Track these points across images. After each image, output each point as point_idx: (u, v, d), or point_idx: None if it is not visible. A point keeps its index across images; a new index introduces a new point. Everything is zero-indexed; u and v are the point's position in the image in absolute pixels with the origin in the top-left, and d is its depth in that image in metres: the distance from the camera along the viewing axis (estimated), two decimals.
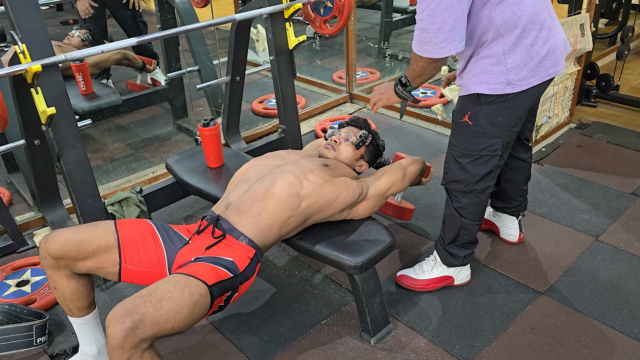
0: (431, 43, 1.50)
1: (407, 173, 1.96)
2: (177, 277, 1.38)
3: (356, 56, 3.70)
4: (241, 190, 1.72)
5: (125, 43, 1.93)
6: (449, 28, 1.46)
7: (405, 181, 1.94)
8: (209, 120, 2.19)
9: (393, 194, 1.93)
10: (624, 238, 2.29)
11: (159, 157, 3.14)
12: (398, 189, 1.93)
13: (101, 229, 1.55)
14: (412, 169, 1.98)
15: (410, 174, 1.97)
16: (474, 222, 1.88)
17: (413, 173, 1.98)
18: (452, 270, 2.02)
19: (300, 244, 1.76)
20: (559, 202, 2.55)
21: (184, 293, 1.33)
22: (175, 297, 1.32)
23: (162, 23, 3.19)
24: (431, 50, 1.52)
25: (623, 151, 2.98)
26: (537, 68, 1.57)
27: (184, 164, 2.30)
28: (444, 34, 1.47)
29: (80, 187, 1.99)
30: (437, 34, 1.47)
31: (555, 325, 1.87)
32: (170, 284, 1.34)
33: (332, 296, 2.05)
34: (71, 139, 1.92)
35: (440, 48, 1.50)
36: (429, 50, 1.53)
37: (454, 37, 1.48)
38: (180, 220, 2.56)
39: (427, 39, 1.50)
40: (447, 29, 1.46)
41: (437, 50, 1.51)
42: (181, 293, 1.33)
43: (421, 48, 1.55)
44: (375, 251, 1.71)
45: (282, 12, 2.42)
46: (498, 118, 1.65)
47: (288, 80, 2.57)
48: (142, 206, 2.16)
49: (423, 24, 1.49)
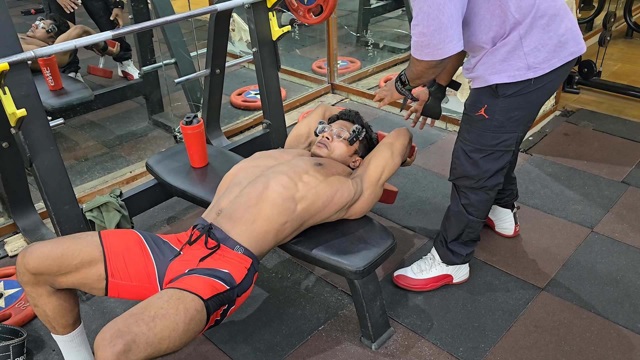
0: (430, 46, 1.45)
1: (395, 150, 1.81)
2: (170, 292, 1.27)
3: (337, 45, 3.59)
4: (232, 195, 1.61)
5: (102, 36, 1.79)
6: (445, 27, 1.41)
7: (396, 158, 1.79)
8: (192, 118, 2.06)
9: (387, 178, 1.79)
10: (618, 228, 2.26)
11: (135, 155, 2.99)
12: (390, 171, 1.78)
13: (84, 241, 1.43)
14: (398, 144, 1.83)
15: (398, 149, 1.82)
16: (480, 219, 1.81)
17: (401, 147, 1.83)
18: (451, 269, 1.96)
19: (297, 248, 1.67)
20: (550, 192, 2.52)
21: (178, 309, 1.23)
22: (170, 314, 1.21)
23: (134, 13, 3.01)
24: (432, 53, 1.47)
25: (610, 138, 2.97)
26: (558, 48, 1.50)
27: (166, 164, 2.17)
28: (441, 34, 1.42)
29: (55, 193, 1.85)
30: (434, 36, 1.43)
31: (559, 322, 1.82)
32: (164, 300, 1.23)
33: (328, 299, 1.97)
34: (44, 142, 1.78)
35: (440, 49, 1.45)
36: (429, 53, 1.47)
37: (452, 36, 1.43)
38: (163, 222, 2.43)
39: (425, 43, 1.46)
40: (443, 29, 1.41)
41: (437, 51, 1.46)
42: (175, 309, 1.22)
43: (422, 52, 1.49)
44: (376, 254, 1.62)
45: (264, 1, 2.29)
46: (515, 112, 1.59)
47: (272, 73, 2.45)
48: (123, 211, 2.02)
49: (420, 29, 1.45)
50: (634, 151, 2.84)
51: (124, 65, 4.10)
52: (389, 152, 1.80)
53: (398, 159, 1.80)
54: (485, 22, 1.50)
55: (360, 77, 3.84)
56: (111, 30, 1.81)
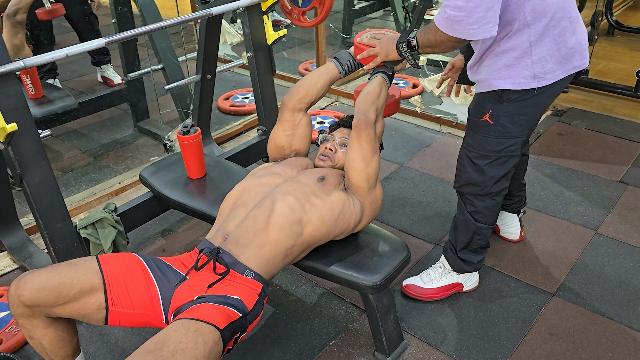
0: (463, 23, 1.33)
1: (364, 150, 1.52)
2: (186, 323, 1.19)
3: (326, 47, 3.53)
4: (238, 218, 1.51)
5: (94, 44, 1.69)
6: (486, 7, 1.30)
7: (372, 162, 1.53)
8: (189, 127, 1.97)
9: (376, 178, 1.57)
10: (622, 229, 2.25)
11: (123, 164, 2.88)
12: (374, 173, 1.54)
13: (83, 268, 1.33)
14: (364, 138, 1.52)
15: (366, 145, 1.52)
16: (489, 225, 1.77)
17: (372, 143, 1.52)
18: (462, 277, 1.92)
19: (309, 264, 1.60)
20: (551, 194, 2.50)
21: (197, 343, 1.15)
22: (189, 348, 1.13)
23: (117, 17, 2.90)
24: (461, 31, 1.34)
25: (603, 138, 2.97)
26: (564, 60, 1.46)
27: (161, 176, 2.07)
28: (479, 14, 1.30)
29: (47, 211, 1.75)
30: (471, 13, 1.30)
31: (573, 328, 1.80)
32: (181, 333, 1.15)
33: (337, 312, 1.90)
34: (35, 157, 1.67)
35: (473, 29, 1.33)
36: (459, 30, 1.35)
37: (490, 17, 1.32)
38: (157, 235, 2.34)
39: (459, 18, 1.32)
40: (483, 8, 1.30)
41: (469, 31, 1.34)
42: (195, 343, 1.14)
43: (449, 27, 1.36)
44: (392, 267, 1.57)
45: (259, 5, 2.21)
46: (520, 117, 1.55)
47: (267, 78, 2.38)
48: (119, 226, 1.92)
49: (456, 2, 1.31)
50: (628, 150, 2.84)
51: (103, 70, 3.96)
52: (362, 163, 1.53)
53: (375, 158, 1.55)
54: None
55: (348, 79, 3.78)
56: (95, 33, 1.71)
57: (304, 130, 1.78)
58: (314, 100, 1.78)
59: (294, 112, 1.76)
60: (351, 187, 1.59)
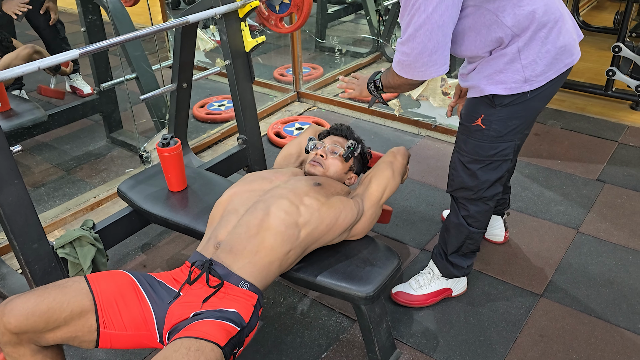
0: (411, 66, 1.44)
1: (396, 168, 1.74)
2: (186, 342, 1.14)
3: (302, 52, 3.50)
4: (230, 225, 1.48)
5: (68, 55, 1.62)
6: (429, 53, 1.39)
7: (396, 177, 1.73)
8: (169, 139, 1.91)
9: (388, 197, 1.73)
10: (602, 227, 2.29)
11: (98, 177, 2.79)
12: (392, 190, 1.72)
13: (72, 289, 1.27)
14: (398, 163, 1.76)
15: (399, 168, 1.75)
16: (481, 230, 1.77)
17: (401, 166, 1.77)
18: (451, 282, 1.91)
19: (299, 276, 1.56)
20: (531, 194, 2.52)
21: None
22: None
23: (87, 25, 2.81)
24: (412, 73, 1.46)
25: (578, 137, 3.02)
26: (554, 60, 1.47)
27: (141, 189, 2.01)
28: (424, 59, 1.40)
29: (22, 231, 1.67)
30: (417, 59, 1.41)
31: (563, 329, 1.81)
32: (182, 354, 1.11)
33: (327, 323, 1.87)
34: (8, 175, 1.59)
35: (421, 72, 1.43)
36: (410, 72, 1.46)
37: (435, 61, 1.40)
38: (137, 250, 2.27)
39: (407, 63, 1.44)
40: (427, 54, 1.39)
41: (418, 73, 1.45)
42: None
43: (402, 70, 1.48)
44: (384, 277, 1.55)
45: (236, 12, 2.17)
46: (512, 121, 1.55)
47: (246, 86, 2.33)
48: (98, 244, 1.85)
49: (404, 48, 1.42)
50: (602, 148, 2.90)
51: (71, 80, 3.84)
52: (390, 171, 1.72)
53: (398, 179, 1.74)
54: (481, 37, 1.45)
55: (324, 83, 3.76)
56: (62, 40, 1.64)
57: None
58: None
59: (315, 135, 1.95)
60: (367, 192, 1.68)
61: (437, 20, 1.34)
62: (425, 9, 1.33)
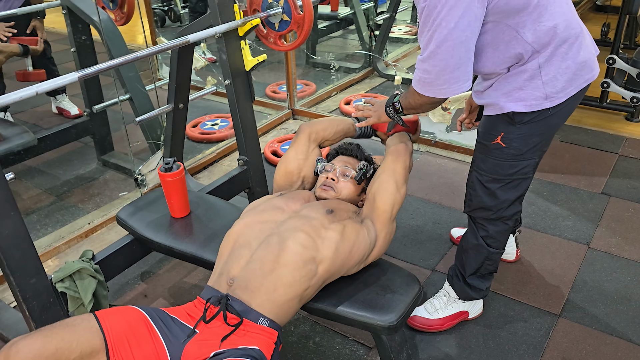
0: (433, 84, 1.38)
1: (399, 179, 1.58)
2: None
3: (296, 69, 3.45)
4: (242, 260, 1.39)
5: (66, 79, 1.54)
6: (451, 69, 1.34)
7: (401, 189, 1.59)
8: (172, 164, 1.83)
9: (398, 210, 1.60)
10: (613, 242, 2.25)
11: (91, 202, 2.68)
12: (400, 203, 1.58)
13: (81, 328, 1.18)
14: (400, 169, 1.61)
15: (402, 175, 1.60)
16: (500, 250, 1.72)
17: (404, 172, 1.62)
18: (468, 305, 1.85)
19: (317, 306, 1.48)
20: (538, 209, 2.49)
21: None
22: None
23: (76, 45, 2.72)
24: (433, 91, 1.40)
25: (578, 149, 3.01)
26: (574, 76, 1.43)
27: (141, 216, 1.92)
28: (446, 76, 1.35)
29: (19, 266, 1.56)
30: (438, 76, 1.36)
31: (585, 351, 1.76)
32: None
33: (341, 352, 1.80)
34: (3, 207, 1.50)
35: (444, 89, 1.38)
36: (431, 90, 1.41)
37: (458, 77, 1.35)
38: (136, 279, 2.17)
39: (428, 80, 1.39)
40: (449, 71, 1.34)
41: (440, 91, 1.39)
42: None
43: (423, 88, 1.42)
44: (406, 304, 1.48)
45: (236, 30, 2.11)
46: (533, 138, 1.50)
47: (246, 105, 2.26)
48: (99, 276, 1.75)
49: (424, 65, 1.37)
50: (604, 161, 2.88)
51: (58, 101, 3.73)
52: (394, 186, 1.58)
53: (404, 188, 1.60)
54: (500, 53, 1.41)
55: (319, 100, 3.71)
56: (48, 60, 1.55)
57: (314, 160, 1.79)
58: (329, 140, 1.85)
59: (310, 140, 1.80)
60: (374, 212, 1.55)
61: (459, 35, 1.29)
62: (446, 25, 1.28)
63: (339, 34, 5.12)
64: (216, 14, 2.03)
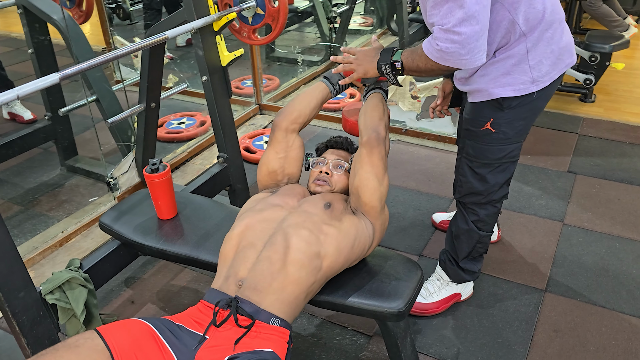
0: (455, 54, 1.33)
1: (378, 174, 1.46)
2: None
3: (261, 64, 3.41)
4: (249, 261, 1.36)
5: (47, 81, 1.46)
6: (476, 37, 1.30)
7: (384, 181, 1.48)
8: (158, 164, 1.78)
9: (386, 198, 1.53)
10: (585, 218, 2.36)
11: (60, 209, 2.57)
12: (385, 193, 1.49)
13: (86, 349, 1.12)
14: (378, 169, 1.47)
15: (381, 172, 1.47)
16: (489, 233, 1.77)
17: (384, 160, 1.49)
18: (460, 287, 1.90)
19: (324, 298, 1.48)
20: (512, 191, 2.56)
21: None
22: None
23: (34, 46, 2.59)
24: (454, 61, 1.35)
25: (540, 131, 3.13)
26: (557, 60, 1.48)
27: (127, 220, 1.86)
28: (471, 44, 1.30)
29: (7, 280, 1.49)
30: (464, 45, 1.30)
31: (574, 323, 1.84)
32: None
33: (342, 343, 1.81)
34: None
35: (465, 60, 1.33)
36: (451, 61, 1.35)
37: (481, 46, 1.33)
38: (121, 285, 2.10)
39: (451, 50, 1.32)
40: (474, 39, 1.30)
41: (462, 62, 1.34)
42: None
43: (441, 58, 1.36)
44: (412, 290, 1.50)
45: (212, 25, 2.07)
46: (519, 122, 1.55)
47: (224, 102, 2.22)
48: (89, 285, 1.68)
49: (448, 35, 1.31)
50: (565, 141, 3.01)
51: (9, 106, 3.54)
52: (375, 181, 1.47)
53: (386, 179, 1.50)
54: (490, 33, 1.44)
55: (285, 94, 3.69)
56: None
57: (297, 153, 1.67)
58: (308, 121, 1.69)
59: (287, 133, 1.65)
60: (362, 208, 1.50)
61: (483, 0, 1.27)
62: None
63: (295, 27, 5.09)
64: (191, 8, 1.98)
